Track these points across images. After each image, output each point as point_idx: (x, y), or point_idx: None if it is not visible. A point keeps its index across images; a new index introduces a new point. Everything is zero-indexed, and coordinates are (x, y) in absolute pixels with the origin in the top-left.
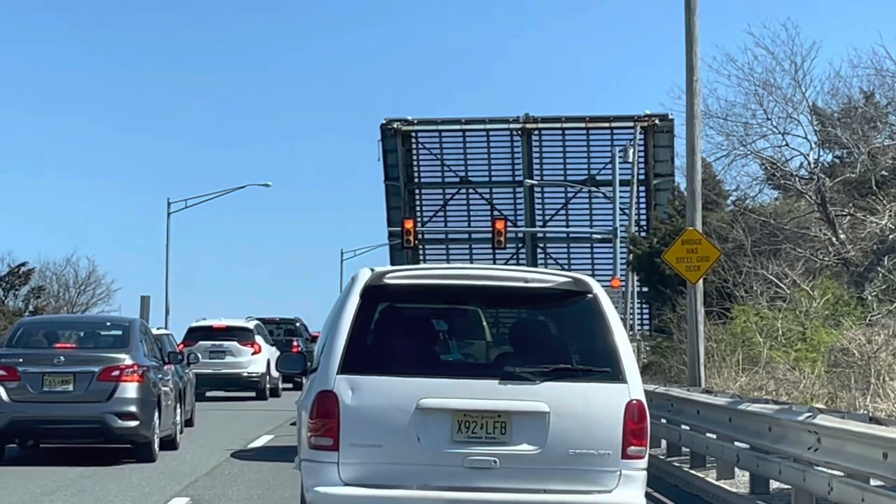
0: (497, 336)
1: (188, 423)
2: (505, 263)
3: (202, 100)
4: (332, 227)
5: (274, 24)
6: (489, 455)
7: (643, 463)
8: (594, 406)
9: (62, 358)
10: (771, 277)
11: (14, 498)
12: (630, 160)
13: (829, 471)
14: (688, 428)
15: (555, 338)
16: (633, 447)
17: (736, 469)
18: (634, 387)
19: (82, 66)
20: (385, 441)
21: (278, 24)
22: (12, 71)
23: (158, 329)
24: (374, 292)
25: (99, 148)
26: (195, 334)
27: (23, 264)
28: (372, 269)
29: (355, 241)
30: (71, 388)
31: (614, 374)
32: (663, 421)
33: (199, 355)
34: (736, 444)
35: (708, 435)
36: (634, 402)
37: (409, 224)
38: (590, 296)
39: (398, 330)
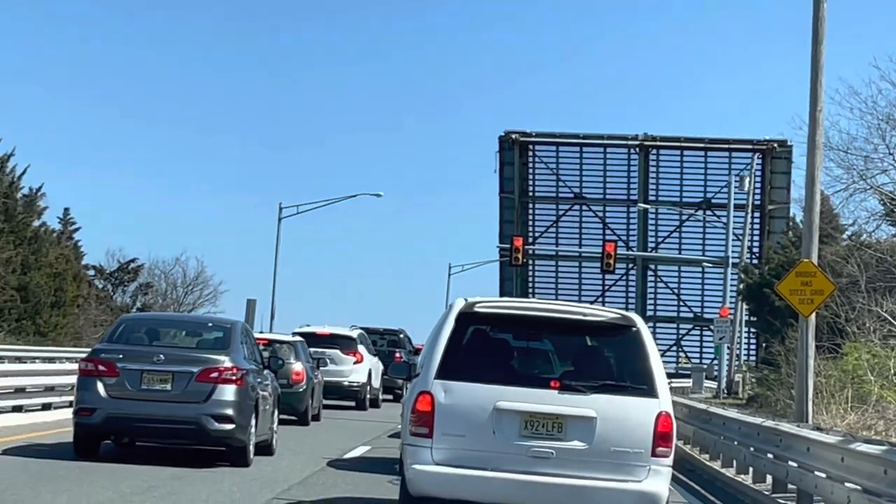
0: (562, 356)
1: (315, 417)
2: (614, 284)
3: (316, 106)
4: (442, 240)
5: (390, 27)
6: (548, 448)
7: (669, 461)
8: (632, 415)
9: (162, 356)
10: (885, 315)
11: (102, 497)
12: (746, 189)
13: None
14: (795, 465)
15: (604, 360)
16: (660, 448)
17: None
18: (664, 401)
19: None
20: (468, 432)
21: (393, 27)
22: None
23: (293, 335)
24: (466, 318)
25: (215, 152)
26: None
27: (132, 260)
28: (466, 299)
29: (464, 254)
30: (169, 387)
31: (649, 390)
32: (770, 456)
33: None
34: (846, 485)
35: (817, 473)
36: (664, 413)
37: (518, 242)
38: (634, 329)
39: (483, 347)
